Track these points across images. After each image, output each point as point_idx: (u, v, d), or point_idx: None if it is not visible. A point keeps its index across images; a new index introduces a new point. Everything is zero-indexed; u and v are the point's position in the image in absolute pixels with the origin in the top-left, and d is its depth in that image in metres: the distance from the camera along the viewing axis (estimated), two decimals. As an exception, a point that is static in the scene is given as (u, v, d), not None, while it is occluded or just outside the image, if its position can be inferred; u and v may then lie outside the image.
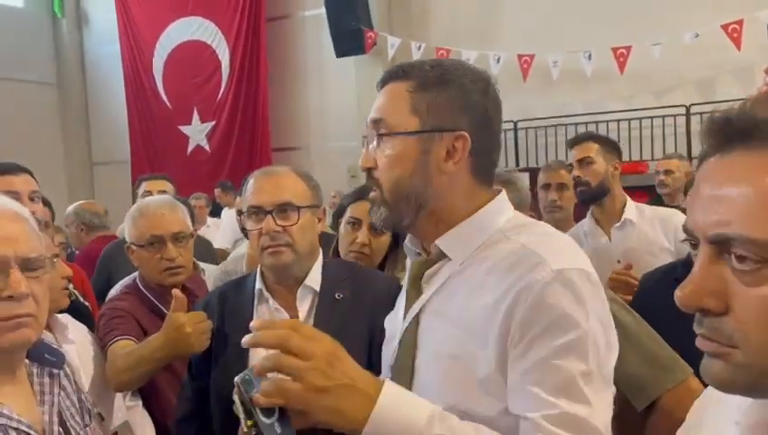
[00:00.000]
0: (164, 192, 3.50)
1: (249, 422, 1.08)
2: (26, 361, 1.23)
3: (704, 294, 0.64)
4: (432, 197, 1.04)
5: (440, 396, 0.97)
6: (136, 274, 2.19)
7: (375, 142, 1.06)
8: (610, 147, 2.67)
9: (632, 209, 2.58)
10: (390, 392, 0.90)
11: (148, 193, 3.38)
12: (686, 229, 0.68)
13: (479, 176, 1.06)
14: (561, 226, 2.93)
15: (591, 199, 2.61)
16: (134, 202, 2.86)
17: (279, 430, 0.99)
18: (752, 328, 0.61)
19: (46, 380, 1.25)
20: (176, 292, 1.73)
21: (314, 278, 1.65)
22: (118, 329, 1.85)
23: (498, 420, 0.94)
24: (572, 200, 3.00)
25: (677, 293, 0.66)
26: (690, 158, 7.58)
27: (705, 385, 1.55)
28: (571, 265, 0.95)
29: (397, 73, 1.07)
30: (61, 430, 1.21)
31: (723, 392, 0.68)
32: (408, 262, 1.18)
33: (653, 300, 1.68)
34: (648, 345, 1.57)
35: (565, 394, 0.90)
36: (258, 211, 1.60)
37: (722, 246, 0.63)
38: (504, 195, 1.10)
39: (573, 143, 2.73)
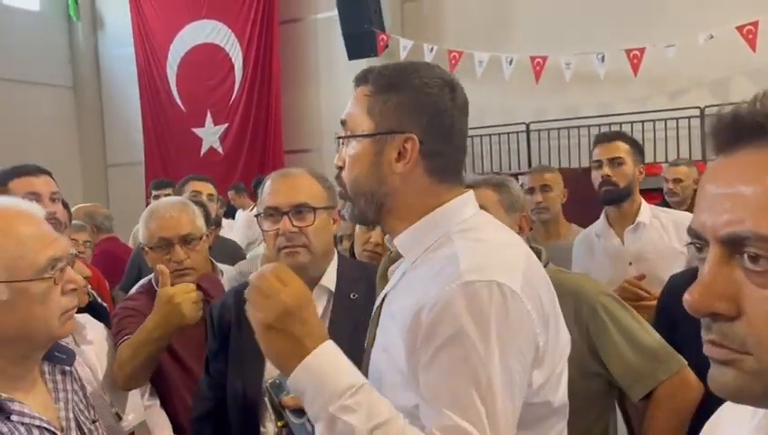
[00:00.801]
0: (211, 196, 3.54)
1: (280, 423, 1.13)
2: None
3: (714, 298, 0.61)
4: (387, 196, 1.08)
5: (376, 386, 1.03)
6: (152, 274, 2.21)
7: (341, 141, 1.14)
8: (638, 149, 2.62)
9: (646, 212, 2.56)
10: (322, 354, 0.96)
11: (198, 193, 3.39)
12: (691, 232, 0.65)
13: (437, 176, 1.08)
14: (550, 226, 3.02)
15: (617, 200, 2.55)
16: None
17: (310, 429, 1.04)
18: (765, 332, 0.58)
19: (59, 377, 1.28)
20: (160, 267, 1.77)
21: (329, 279, 1.66)
22: (127, 329, 1.86)
23: (416, 412, 0.98)
24: (558, 200, 3.03)
25: (686, 297, 0.63)
26: (705, 160, 7.55)
27: (700, 377, 1.57)
28: (485, 278, 0.95)
29: (361, 77, 1.12)
30: (75, 426, 1.24)
31: (733, 403, 0.64)
32: None
33: (679, 303, 1.68)
34: (643, 339, 1.60)
35: (458, 408, 0.92)
36: (274, 212, 1.62)
37: (733, 246, 0.60)
38: (467, 196, 1.10)
39: (602, 140, 2.64)
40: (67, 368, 1.31)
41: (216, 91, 10.42)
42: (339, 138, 1.13)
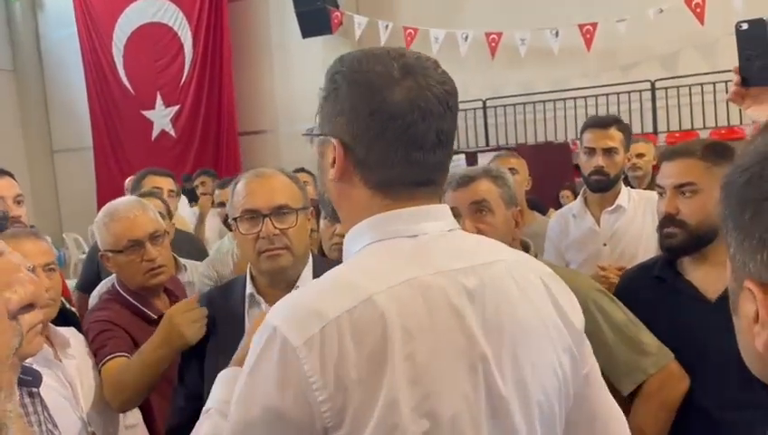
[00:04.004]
0: (172, 191, 3.41)
1: None
2: None
3: None
4: (332, 203, 0.97)
5: None
6: (113, 279, 2.14)
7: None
8: (629, 135, 2.59)
9: (625, 195, 2.58)
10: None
11: (158, 189, 3.24)
12: None
13: (375, 189, 0.91)
14: None
15: (605, 190, 2.55)
16: (121, 195, 2.77)
17: None
18: None
19: (27, 400, 1.24)
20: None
21: (306, 280, 1.63)
22: (107, 346, 1.80)
23: None
24: (522, 186, 3.04)
25: None
26: (656, 133, 7.74)
27: (686, 370, 1.62)
28: (274, 320, 0.84)
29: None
30: None
31: None
32: None
33: (635, 298, 1.73)
34: (632, 333, 1.63)
35: None
36: (254, 215, 1.58)
37: None
38: (378, 217, 0.90)
39: (596, 126, 2.55)
40: (34, 390, 1.26)
41: (166, 71, 10.11)
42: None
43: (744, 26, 1.35)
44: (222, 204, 3.67)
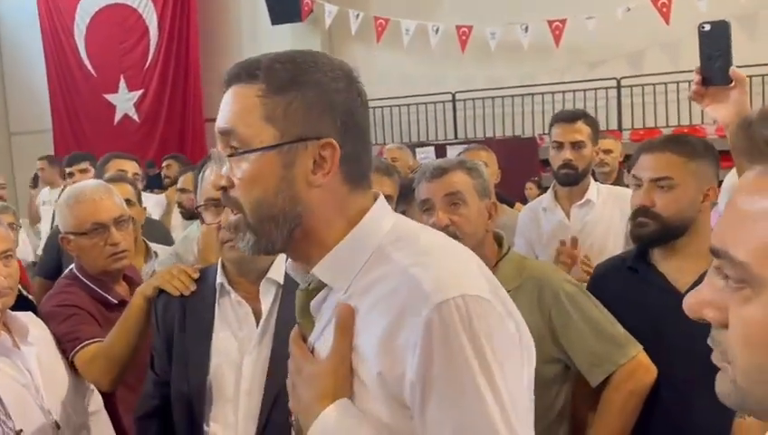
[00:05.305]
0: (137, 175, 3.36)
1: None
2: None
3: (704, 305, 0.62)
4: (303, 215, 0.91)
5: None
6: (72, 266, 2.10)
7: (228, 159, 0.92)
8: (597, 130, 2.64)
9: (594, 190, 2.62)
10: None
11: (123, 172, 3.17)
12: None
13: (353, 183, 0.93)
14: None
15: (574, 183, 2.59)
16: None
17: None
18: (738, 348, 0.60)
19: None
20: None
21: (278, 271, 1.60)
22: (80, 331, 1.77)
23: None
24: (493, 178, 3.06)
25: (686, 299, 0.64)
26: (620, 130, 7.87)
27: (653, 360, 1.64)
28: (457, 292, 0.82)
29: (240, 75, 0.92)
30: None
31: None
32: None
33: (607, 288, 1.76)
34: (603, 324, 1.65)
35: None
36: (218, 204, 1.54)
37: (718, 258, 0.61)
38: (381, 201, 0.96)
39: (563, 120, 2.61)
40: None
41: (130, 54, 9.90)
42: (231, 155, 0.90)
43: (707, 27, 1.40)
44: (183, 190, 3.60)
